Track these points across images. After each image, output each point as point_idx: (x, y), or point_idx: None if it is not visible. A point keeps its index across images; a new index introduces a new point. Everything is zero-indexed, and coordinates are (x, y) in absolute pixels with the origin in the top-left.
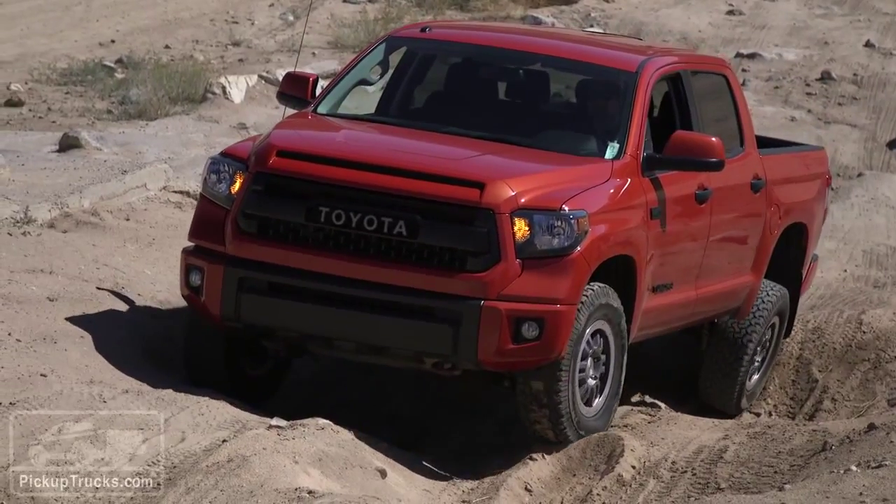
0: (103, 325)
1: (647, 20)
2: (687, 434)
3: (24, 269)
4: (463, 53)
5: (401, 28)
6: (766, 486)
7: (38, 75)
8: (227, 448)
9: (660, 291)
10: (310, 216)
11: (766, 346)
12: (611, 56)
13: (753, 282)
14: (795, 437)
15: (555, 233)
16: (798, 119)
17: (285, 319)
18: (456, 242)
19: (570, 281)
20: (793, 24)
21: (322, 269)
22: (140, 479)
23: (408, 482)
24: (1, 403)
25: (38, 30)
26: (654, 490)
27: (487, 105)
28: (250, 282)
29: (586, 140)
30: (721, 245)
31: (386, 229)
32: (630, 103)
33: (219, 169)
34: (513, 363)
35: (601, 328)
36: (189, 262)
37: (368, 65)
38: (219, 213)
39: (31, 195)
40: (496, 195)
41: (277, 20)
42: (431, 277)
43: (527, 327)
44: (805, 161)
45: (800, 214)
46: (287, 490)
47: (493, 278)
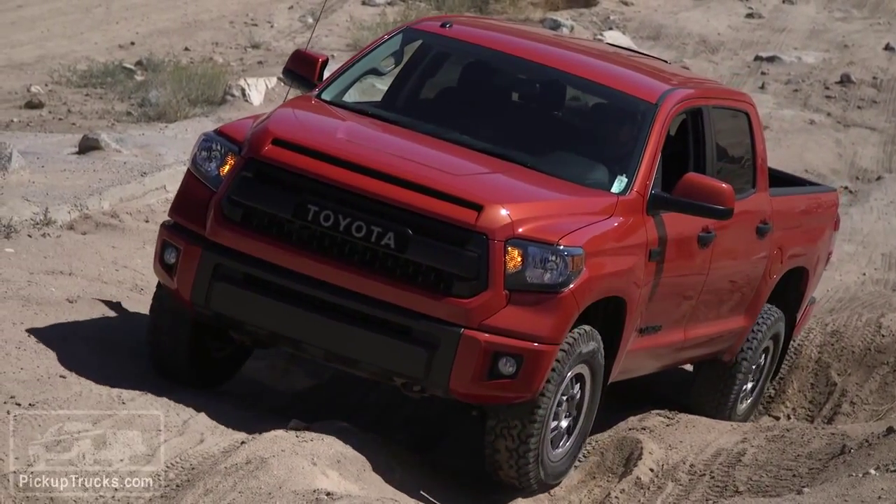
0: (122, 326)
1: (666, 23)
2: (705, 437)
3: (43, 270)
4: (479, 57)
5: (421, 20)
6: (784, 490)
7: (58, 77)
8: (245, 450)
9: (647, 333)
10: (297, 212)
11: (759, 371)
12: (632, 83)
13: (745, 326)
14: (814, 440)
15: (547, 267)
16: (817, 122)
17: (256, 315)
18: (444, 263)
19: (556, 319)
20: (812, 27)
21: (301, 269)
22: (159, 480)
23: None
24: (20, 404)
25: (59, 32)
26: (673, 493)
27: (498, 115)
28: (225, 270)
29: (594, 168)
30: (717, 289)
31: (374, 238)
32: (645, 136)
33: (210, 147)
34: (485, 397)
35: (581, 372)
36: (166, 239)
37: (382, 54)
38: (204, 193)
39: (50, 197)
40: (492, 220)
41: (297, 22)
42: (413, 296)
43: (504, 362)
44: (815, 203)
45: (802, 259)
46: (305, 492)
47: (477, 306)
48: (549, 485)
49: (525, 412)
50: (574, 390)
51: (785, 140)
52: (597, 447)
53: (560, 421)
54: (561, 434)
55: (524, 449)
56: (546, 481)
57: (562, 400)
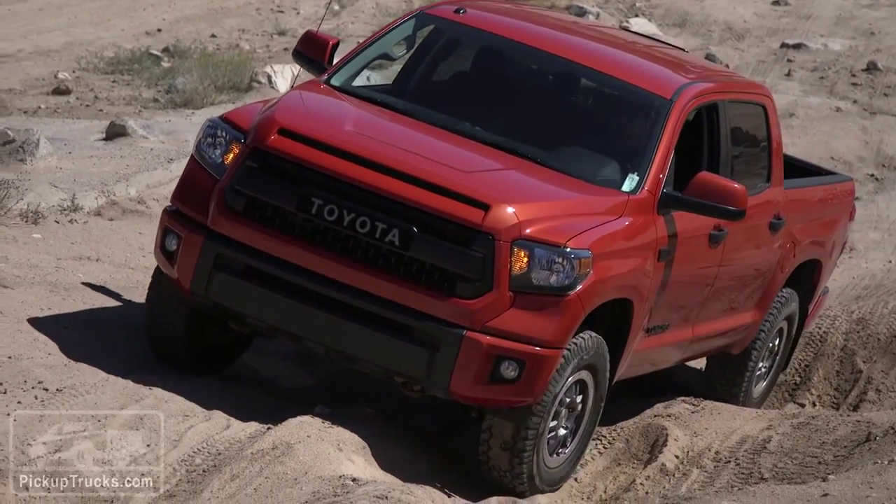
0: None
1: (692, 10)
2: (730, 424)
3: (70, 256)
4: (491, 45)
5: (435, 4)
6: (809, 477)
7: (85, 64)
8: (271, 435)
9: (654, 333)
10: (301, 205)
11: (773, 353)
12: (648, 76)
13: (755, 319)
14: (839, 427)
15: (554, 269)
16: (843, 110)
17: (256, 307)
18: (448, 263)
19: (560, 323)
20: (839, 14)
21: (303, 263)
22: (185, 465)
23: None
24: (48, 390)
25: (86, 19)
26: (698, 480)
27: (509, 106)
28: (226, 260)
29: (606, 165)
30: (727, 286)
31: (378, 235)
32: (659, 133)
33: (215, 134)
34: (485, 400)
35: (583, 378)
36: (168, 225)
37: (394, 39)
38: (207, 181)
39: (77, 183)
40: (500, 220)
41: (322, 9)
42: (416, 295)
43: (506, 366)
44: (831, 194)
45: (816, 251)
46: (331, 477)
47: (481, 308)
48: (544, 490)
49: (522, 416)
50: (575, 397)
51: (811, 127)
52: (622, 433)
53: (559, 427)
54: (559, 440)
55: (519, 451)
56: (540, 487)
57: (563, 403)
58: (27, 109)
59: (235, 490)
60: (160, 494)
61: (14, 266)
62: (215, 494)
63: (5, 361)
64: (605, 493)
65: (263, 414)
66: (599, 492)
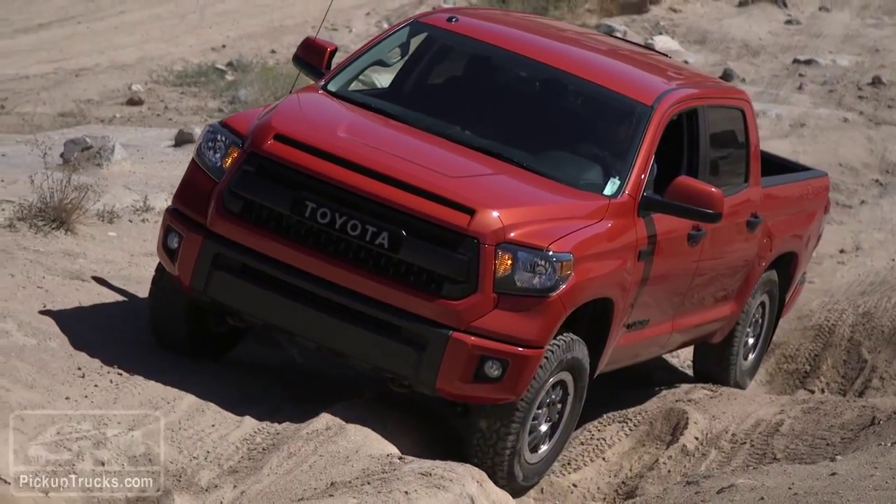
0: None
1: (711, 28)
2: (746, 409)
3: (142, 252)
4: (481, 53)
5: (428, 13)
6: (818, 457)
7: (156, 77)
8: (325, 416)
9: (635, 328)
10: (295, 208)
11: (757, 325)
12: (630, 83)
13: (734, 311)
14: (846, 412)
15: (537, 272)
16: (850, 120)
17: (251, 305)
18: (435, 265)
19: (543, 323)
20: (846, 32)
21: (297, 263)
22: (247, 444)
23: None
24: (122, 374)
25: (157, 36)
26: (716, 459)
27: (497, 111)
28: (224, 259)
29: (588, 169)
30: (706, 283)
31: (368, 237)
32: (640, 138)
33: (215, 138)
34: (470, 397)
35: (563, 378)
36: (170, 224)
37: (388, 46)
38: (206, 183)
39: (149, 185)
40: (485, 224)
41: (373, 27)
42: (404, 295)
43: (490, 366)
44: (807, 190)
45: (792, 244)
46: (379, 455)
47: (466, 308)
48: (524, 486)
49: (505, 413)
50: (555, 395)
51: (821, 136)
52: (646, 417)
53: (540, 425)
54: (540, 437)
55: (500, 447)
56: (521, 482)
57: (543, 402)
58: (104, 118)
59: (292, 467)
60: (224, 470)
61: (91, 262)
62: (274, 470)
63: (78, 352)
64: (631, 471)
65: (317, 397)
66: (626, 470)
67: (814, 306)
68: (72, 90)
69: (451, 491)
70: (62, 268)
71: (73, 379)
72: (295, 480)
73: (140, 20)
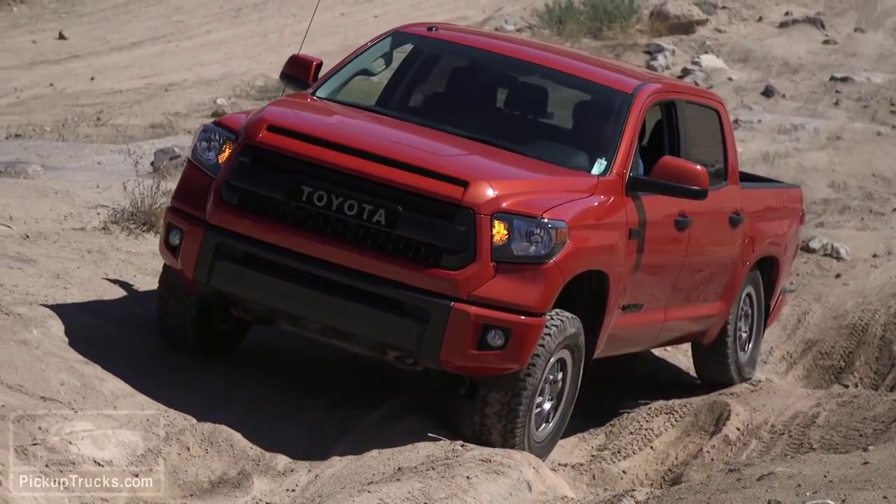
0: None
1: (753, 48)
2: (784, 402)
3: None
4: (465, 56)
5: (409, 25)
6: (852, 447)
7: (239, 91)
8: (391, 405)
9: (629, 311)
10: (292, 194)
11: (748, 317)
12: (609, 76)
13: (722, 311)
14: (878, 405)
15: (532, 240)
16: (883, 134)
17: (255, 291)
18: (433, 238)
19: (542, 290)
20: (880, 52)
21: (297, 247)
22: (316, 431)
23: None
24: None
25: (240, 53)
26: (756, 449)
27: (484, 109)
28: (226, 249)
29: (575, 153)
30: (694, 273)
31: (365, 216)
32: (623, 123)
33: (210, 137)
34: (474, 368)
35: (563, 357)
36: (171, 221)
37: (372, 56)
38: (203, 180)
39: None
40: (478, 195)
41: None
42: (404, 270)
43: (493, 335)
44: (781, 198)
45: (773, 248)
46: (443, 443)
47: (466, 278)
48: (530, 462)
49: (512, 383)
50: (557, 374)
51: (856, 149)
52: (691, 409)
53: (544, 402)
54: (543, 415)
55: (512, 420)
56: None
57: (547, 379)
58: (191, 130)
59: (362, 452)
60: (298, 455)
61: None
62: (345, 456)
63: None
64: (677, 459)
65: (384, 386)
66: (672, 458)
67: (848, 306)
68: (162, 103)
69: (509, 476)
70: (151, 267)
71: (161, 370)
72: (364, 465)
73: (225, 39)
